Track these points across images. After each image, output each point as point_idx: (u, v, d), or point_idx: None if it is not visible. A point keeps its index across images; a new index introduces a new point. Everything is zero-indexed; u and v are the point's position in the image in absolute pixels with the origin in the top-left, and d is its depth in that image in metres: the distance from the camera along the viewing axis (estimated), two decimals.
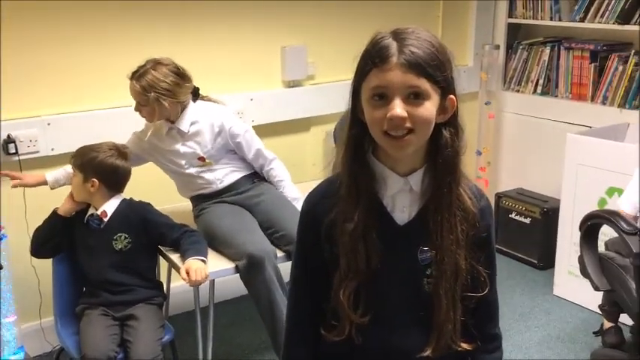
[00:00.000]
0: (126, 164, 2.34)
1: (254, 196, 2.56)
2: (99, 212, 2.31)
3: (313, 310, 1.28)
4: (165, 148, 2.53)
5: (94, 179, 2.28)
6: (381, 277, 1.21)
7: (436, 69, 1.12)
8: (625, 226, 2.31)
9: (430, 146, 1.18)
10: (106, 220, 2.31)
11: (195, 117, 2.48)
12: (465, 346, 1.25)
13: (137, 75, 2.38)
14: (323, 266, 1.23)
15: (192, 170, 2.52)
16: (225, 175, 2.54)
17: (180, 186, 2.65)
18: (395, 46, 1.11)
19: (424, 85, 1.11)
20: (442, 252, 1.19)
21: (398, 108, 1.10)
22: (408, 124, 1.11)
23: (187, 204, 2.71)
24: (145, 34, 2.86)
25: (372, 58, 1.12)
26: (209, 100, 2.60)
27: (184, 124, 2.47)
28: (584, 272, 2.57)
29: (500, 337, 1.35)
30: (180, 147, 2.50)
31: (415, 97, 1.11)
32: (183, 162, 2.52)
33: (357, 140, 1.19)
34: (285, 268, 2.34)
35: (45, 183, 2.49)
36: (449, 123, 1.18)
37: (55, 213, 2.34)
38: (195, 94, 2.54)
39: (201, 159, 2.51)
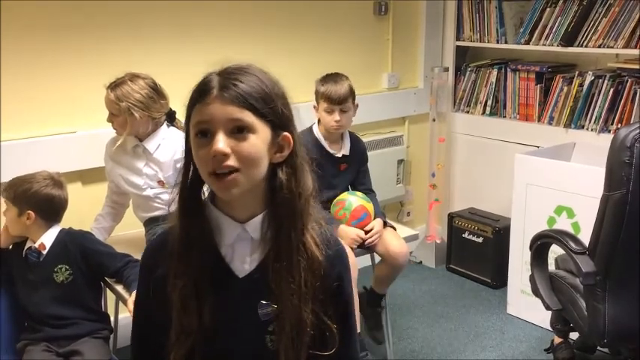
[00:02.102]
0: (62, 193, 2.25)
1: None
2: (37, 245, 2.22)
3: None
4: (128, 164, 2.48)
5: (30, 211, 2.18)
6: (218, 337, 1.10)
7: (261, 101, 1.06)
8: (574, 245, 2.34)
9: (267, 189, 1.10)
10: (44, 252, 2.22)
11: (163, 141, 2.45)
12: None
13: (113, 85, 2.37)
14: (158, 324, 1.12)
15: (149, 192, 2.48)
16: None
17: (136, 205, 2.60)
18: (216, 80, 1.07)
19: (248, 117, 1.05)
20: (283, 305, 1.09)
21: (220, 143, 1.02)
22: (232, 162, 1.03)
23: (137, 231, 2.64)
24: (90, 56, 2.79)
25: (194, 94, 1.07)
26: (182, 128, 2.55)
27: (151, 145, 2.44)
28: (536, 291, 2.59)
29: None
30: (142, 166, 2.46)
31: (239, 131, 1.04)
32: (141, 182, 2.47)
33: (192, 187, 1.11)
34: None
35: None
36: (286, 163, 1.10)
37: None
38: (171, 119, 2.51)
39: (161, 182, 2.47)
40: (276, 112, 1.08)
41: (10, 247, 2.28)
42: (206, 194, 1.15)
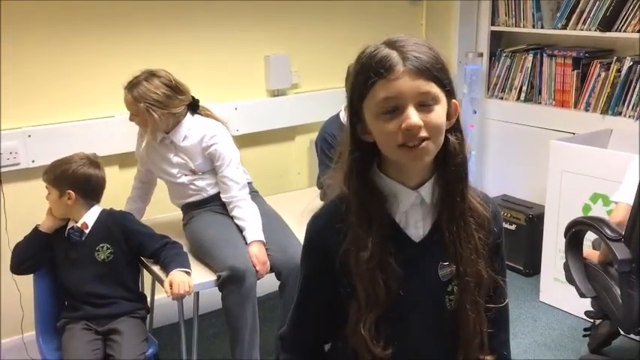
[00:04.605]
0: (99, 172, 2.30)
1: None
2: (79, 224, 2.28)
3: (312, 344, 1.24)
4: (159, 156, 2.53)
5: (70, 191, 2.24)
6: (402, 303, 1.14)
7: (441, 72, 1.08)
8: (609, 232, 2.31)
9: (438, 154, 1.11)
10: (87, 231, 2.28)
11: (189, 131, 2.48)
12: (489, 359, 1.21)
13: (130, 85, 2.39)
14: (331, 297, 1.16)
15: (184, 179, 2.52)
16: (216, 183, 2.53)
17: (171, 193, 2.64)
18: (396, 54, 1.06)
19: (434, 89, 1.06)
20: (463, 264, 1.14)
21: (414, 117, 1.04)
22: (423, 133, 1.05)
23: (174, 214, 2.70)
24: (128, 45, 2.84)
25: (375, 70, 1.06)
26: (208, 115, 2.58)
27: (177, 137, 2.47)
28: (570, 279, 2.57)
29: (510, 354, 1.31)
30: (172, 157, 2.50)
31: (426, 103, 1.06)
32: (175, 171, 2.51)
33: (362, 162, 1.13)
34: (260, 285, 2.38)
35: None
36: (454, 128, 1.13)
37: (36, 230, 2.31)
38: (194, 108, 2.53)
39: (193, 171, 2.51)
40: (451, 81, 1.10)
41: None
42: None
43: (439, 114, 1.07)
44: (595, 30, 3.35)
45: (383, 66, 1.05)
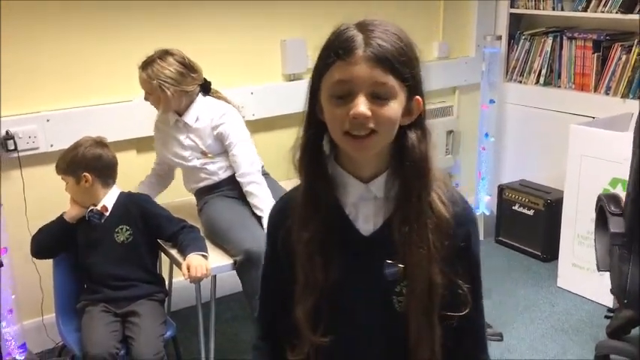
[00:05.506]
0: (108, 151, 2.32)
1: None
2: (99, 207, 2.30)
3: (277, 319, 1.22)
4: (171, 138, 2.56)
5: (85, 174, 2.26)
6: (343, 293, 1.10)
7: (404, 65, 1.02)
8: (613, 207, 2.35)
9: (395, 149, 1.08)
10: (107, 214, 2.30)
11: (200, 112, 2.50)
12: None
13: (144, 64, 2.43)
14: (284, 277, 1.15)
15: (195, 162, 2.53)
16: (228, 166, 2.54)
17: (185, 178, 2.66)
18: (361, 38, 1.01)
19: (391, 82, 1.01)
20: (412, 267, 1.07)
21: (362, 106, 1.00)
22: (371, 125, 1.01)
23: (190, 198, 2.71)
24: (145, 29, 2.84)
25: (336, 50, 1.02)
26: (219, 97, 2.60)
27: (190, 118, 2.50)
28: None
29: None
30: (184, 139, 2.52)
31: (380, 95, 1.01)
32: (187, 154, 2.53)
33: (315, 142, 1.10)
34: None
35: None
36: (415, 125, 1.08)
37: (62, 219, 2.33)
38: (206, 89, 2.55)
39: (204, 153, 2.51)
40: (414, 77, 1.05)
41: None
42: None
43: (392, 109, 1.03)
44: (616, 12, 3.29)
45: (344, 47, 1.02)
